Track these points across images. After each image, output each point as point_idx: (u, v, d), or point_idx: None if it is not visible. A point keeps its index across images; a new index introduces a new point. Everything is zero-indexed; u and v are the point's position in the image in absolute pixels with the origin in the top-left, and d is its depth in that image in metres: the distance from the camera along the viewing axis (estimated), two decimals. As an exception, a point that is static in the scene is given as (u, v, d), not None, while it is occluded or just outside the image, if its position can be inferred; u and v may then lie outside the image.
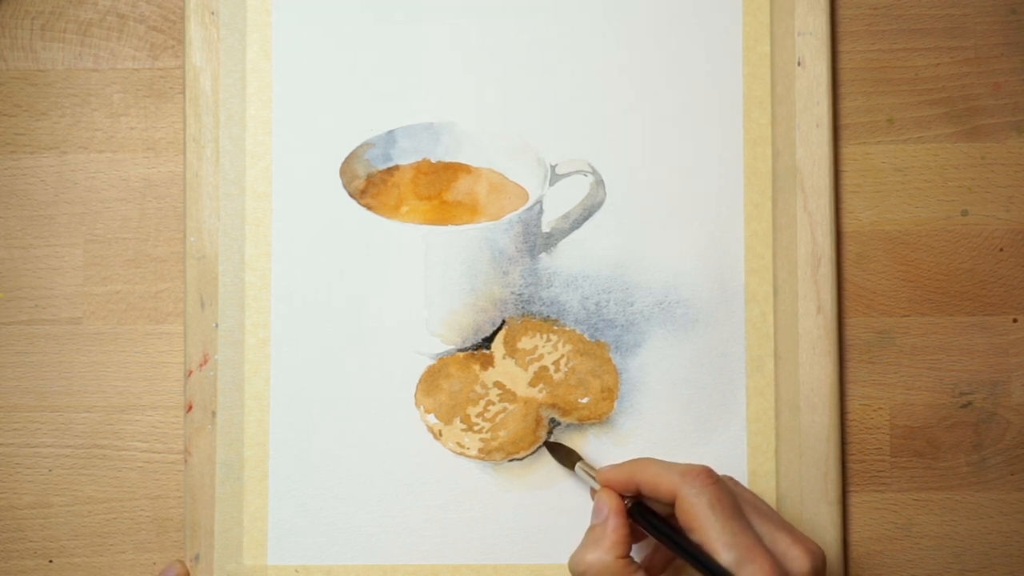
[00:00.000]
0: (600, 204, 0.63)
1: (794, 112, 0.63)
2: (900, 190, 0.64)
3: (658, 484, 0.55)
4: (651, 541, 0.59)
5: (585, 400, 0.62)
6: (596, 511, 0.57)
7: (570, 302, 0.63)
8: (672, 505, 0.54)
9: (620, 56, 0.63)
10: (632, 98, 0.63)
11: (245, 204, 0.63)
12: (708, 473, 0.54)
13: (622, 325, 0.63)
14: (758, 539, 0.53)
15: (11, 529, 0.63)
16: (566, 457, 0.61)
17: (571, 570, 0.56)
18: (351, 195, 0.63)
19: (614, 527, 0.56)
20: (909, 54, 0.64)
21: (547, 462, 0.62)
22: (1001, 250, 0.64)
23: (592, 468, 0.59)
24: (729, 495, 0.54)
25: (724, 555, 0.52)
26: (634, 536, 0.57)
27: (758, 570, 0.51)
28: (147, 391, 0.64)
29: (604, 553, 0.55)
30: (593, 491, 0.59)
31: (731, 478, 0.59)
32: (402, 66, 0.63)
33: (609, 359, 0.63)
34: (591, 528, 0.56)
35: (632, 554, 0.56)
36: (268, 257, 0.63)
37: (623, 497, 0.57)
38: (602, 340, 0.63)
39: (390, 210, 0.63)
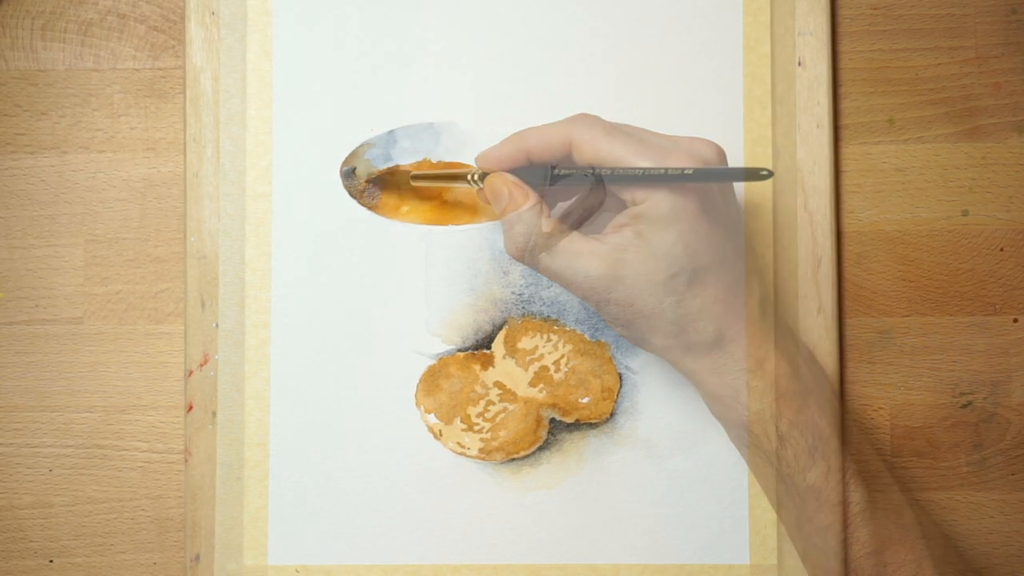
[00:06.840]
0: (600, 204, 0.63)
1: (794, 112, 0.63)
2: (900, 190, 0.64)
3: (548, 138, 0.55)
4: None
5: (585, 400, 0.62)
6: (496, 197, 0.56)
7: (570, 302, 0.63)
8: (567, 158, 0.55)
9: (620, 56, 0.63)
10: (632, 98, 0.63)
11: (245, 204, 0.63)
12: (591, 115, 0.55)
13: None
14: (665, 138, 0.54)
15: (11, 529, 0.63)
16: (401, 179, 0.61)
17: (514, 255, 0.55)
18: (352, 195, 0.63)
19: (524, 194, 0.55)
20: (909, 54, 0.64)
21: (547, 462, 0.62)
22: (1001, 250, 0.64)
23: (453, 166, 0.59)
24: (616, 125, 0.54)
25: (646, 158, 0.52)
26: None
27: (703, 146, 0.53)
28: (147, 391, 0.64)
29: (531, 219, 0.55)
30: (480, 191, 0.58)
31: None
32: (402, 66, 0.63)
33: (609, 359, 0.63)
34: (504, 215, 0.55)
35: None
36: (268, 257, 0.63)
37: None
38: (602, 340, 0.63)
39: (390, 210, 0.63)
